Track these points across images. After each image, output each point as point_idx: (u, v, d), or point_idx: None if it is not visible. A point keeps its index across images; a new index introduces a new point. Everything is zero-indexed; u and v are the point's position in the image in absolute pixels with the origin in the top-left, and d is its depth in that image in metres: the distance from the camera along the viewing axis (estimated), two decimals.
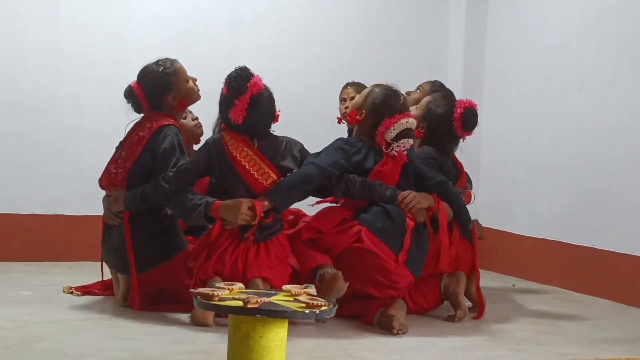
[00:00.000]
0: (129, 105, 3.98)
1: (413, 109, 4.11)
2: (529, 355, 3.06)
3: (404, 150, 3.71)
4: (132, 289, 3.67)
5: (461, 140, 4.23)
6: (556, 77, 5.19)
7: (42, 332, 3.13)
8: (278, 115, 3.78)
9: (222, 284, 2.56)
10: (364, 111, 3.75)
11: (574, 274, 4.83)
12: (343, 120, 4.41)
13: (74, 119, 5.36)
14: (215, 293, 2.39)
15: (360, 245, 3.49)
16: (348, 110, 4.05)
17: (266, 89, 3.66)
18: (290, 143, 3.73)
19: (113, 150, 4.16)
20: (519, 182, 5.45)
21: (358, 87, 4.49)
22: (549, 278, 4.94)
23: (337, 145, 3.75)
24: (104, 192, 4.20)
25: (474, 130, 4.24)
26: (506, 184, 5.27)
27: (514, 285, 5.00)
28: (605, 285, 4.57)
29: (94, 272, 4.41)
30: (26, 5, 5.23)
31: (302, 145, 3.78)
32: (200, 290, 2.47)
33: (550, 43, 5.27)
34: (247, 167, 3.56)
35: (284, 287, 2.65)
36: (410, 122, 3.69)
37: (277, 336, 2.28)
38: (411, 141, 3.71)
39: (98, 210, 4.32)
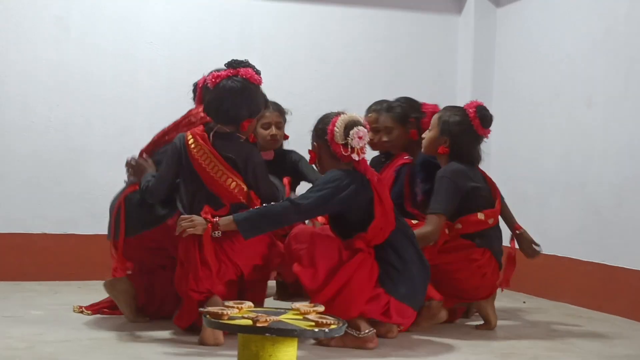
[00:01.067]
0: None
1: (426, 133, 4.08)
2: None
3: (361, 149, 3.49)
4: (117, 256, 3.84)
5: (484, 140, 4.16)
6: (565, 93, 5.18)
7: (52, 352, 3.12)
8: (248, 122, 3.69)
9: (231, 303, 2.56)
10: (311, 150, 3.69)
11: (584, 290, 4.81)
12: None
13: (84, 139, 5.37)
14: (225, 312, 2.40)
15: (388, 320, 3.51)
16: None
17: (232, 80, 3.59)
18: (255, 154, 3.67)
19: (123, 170, 4.16)
20: (529, 198, 5.42)
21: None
22: (559, 295, 4.93)
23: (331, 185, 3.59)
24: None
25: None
26: (515, 200, 5.25)
27: (524, 302, 4.98)
28: (617, 302, 4.54)
29: (104, 291, 4.41)
30: (37, 26, 5.26)
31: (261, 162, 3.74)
32: (210, 309, 2.49)
33: (559, 59, 5.26)
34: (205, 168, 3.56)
35: (293, 305, 2.64)
36: (347, 115, 3.53)
37: (286, 355, 2.30)
38: (363, 129, 3.49)
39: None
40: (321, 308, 2.60)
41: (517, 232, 4.14)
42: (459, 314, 4.24)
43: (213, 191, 3.53)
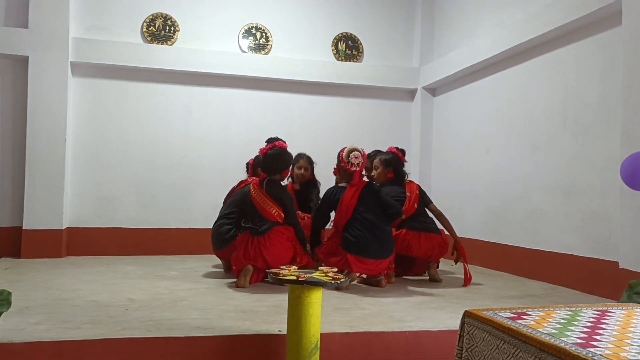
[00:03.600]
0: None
1: (374, 172, 4.31)
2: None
3: (357, 165, 3.81)
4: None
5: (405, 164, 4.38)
6: (473, 145, 5.40)
7: (183, 295, 3.40)
8: (286, 171, 4.02)
9: (283, 267, 2.61)
10: (335, 168, 4.01)
11: (487, 258, 4.87)
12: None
13: (199, 175, 5.69)
14: (281, 272, 2.48)
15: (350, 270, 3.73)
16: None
17: (273, 149, 3.91)
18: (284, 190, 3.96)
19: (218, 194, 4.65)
20: (454, 204, 5.58)
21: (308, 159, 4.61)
22: (473, 261, 4.89)
23: (324, 197, 3.97)
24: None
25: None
26: (447, 205, 5.47)
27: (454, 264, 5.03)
28: (506, 265, 4.68)
29: (214, 259, 4.85)
30: (171, 110, 5.65)
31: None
32: (272, 270, 2.55)
33: (470, 125, 5.46)
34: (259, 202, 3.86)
35: (320, 268, 2.68)
36: (351, 146, 3.88)
37: (316, 296, 2.37)
38: (358, 153, 3.83)
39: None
40: (335, 269, 2.64)
41: (455, 242, 4.18)
42: (421, 271, 4.39)
43: (263, 215, 3.85)
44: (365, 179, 4.10)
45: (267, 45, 5.89)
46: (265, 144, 4.03)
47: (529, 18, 4.52)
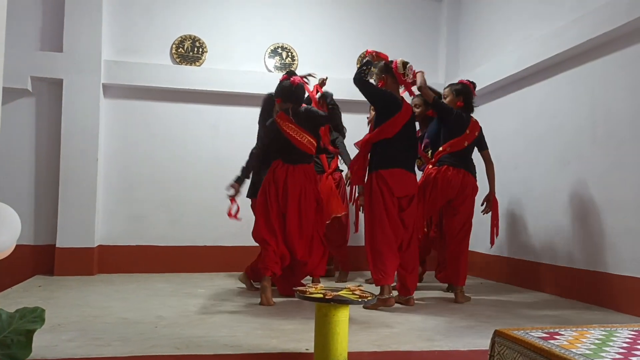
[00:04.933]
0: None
1: (447, 100, 4.21)
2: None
3: (411, 77, 3.73)
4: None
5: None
6: (501, 161, 4.83)
7: (211, 313, 3.42)
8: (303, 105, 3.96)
9: (310, 285, 2.70)
10: (380, 80, 3.86)
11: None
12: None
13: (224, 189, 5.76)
14: (307, 290, 2.51)
15: None
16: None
17: (286, 80, 3.91)
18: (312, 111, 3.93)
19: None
20: (482, 221, 5.18)
21: None
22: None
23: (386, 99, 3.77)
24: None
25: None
26: (474, 222, 5.32)
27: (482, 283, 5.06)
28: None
29: (239, 277, 4.83)
30: (200, 128, 5.72)
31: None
32: (299, 288, 2.57)
33: (498, 140, 5.20)
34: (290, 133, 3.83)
35: (346, 285, 2.70)
36: (403, 60, 3.76)
37: (343, 314, 2.36)
38: (411, 65, 3.75)
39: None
40: (363, 287, 2.64)
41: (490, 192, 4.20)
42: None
43: (297, 146, 3.85)
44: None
45: (293, 64, 5.95)
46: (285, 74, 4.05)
47: (555, 33, 4.48)
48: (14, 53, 5.13)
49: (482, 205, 4.23)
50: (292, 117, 3.91)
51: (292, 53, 5.99)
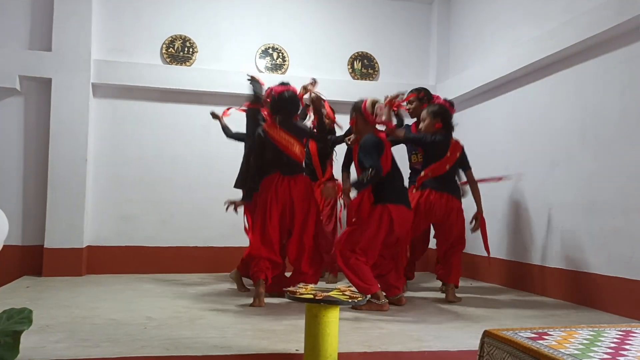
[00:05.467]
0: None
1: (422, 125, 4.18)
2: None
3: (381, 116, 3.67)
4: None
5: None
6: (491, 163, 5.05)
7: (201, 314, 3.41)
8: (297, 117, 3.98)
9: (300, 285, 2.65)
10: (352, 119, 3.81)
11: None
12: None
13: (215, 189, 5.56)
14: (298, 291, 2.51)
15: None
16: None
17: (288, 92, 3.88)
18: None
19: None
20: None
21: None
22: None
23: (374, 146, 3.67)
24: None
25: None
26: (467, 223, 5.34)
27: (471, 284, 5.06)
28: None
29: (230, 280, 4.80)
30: (191, 129, 5.70)
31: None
32: (290, 289, 2.57)
33: (488, 142, 5.09)
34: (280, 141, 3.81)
35: (336, 286, 2.76)
36: (373, 100, 3.72)
37: (333, 315, 2.36)
38: (381, 105, 3.69)
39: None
40: (353, 288, 2.70)
41: (478, 211, 4.18)
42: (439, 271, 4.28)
43: (289, 155, 3.83)
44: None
45: (284, 65, 5.95)
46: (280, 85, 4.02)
47: (546, 35, 4.51)
48: (2, 52, 5.10)
49: (470, 223, 4.25)
50: (281, 125, 3.89)
51: (282, 54, 5.98)
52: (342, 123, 5.96)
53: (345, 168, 4.28)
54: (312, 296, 2.38)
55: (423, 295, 4.39)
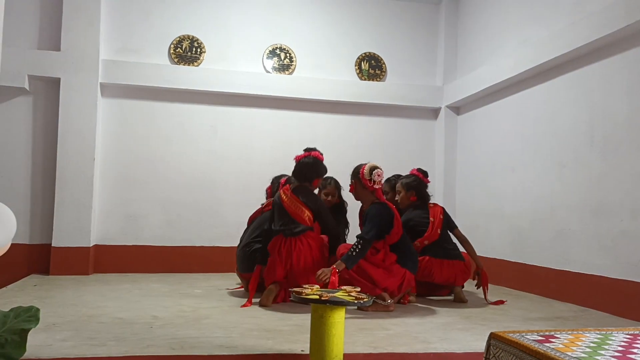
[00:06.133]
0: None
1: (397, 197, 4.26)
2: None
3: (379, 182, 3.71)
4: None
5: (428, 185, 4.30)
6: (498, 164, 5.31)
7: (207, 313, 3.41)
8: (316, 181, 4.00)
9: (306, 286, 2.65)
10: (351, 185, 3.84)
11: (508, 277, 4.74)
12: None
13: (223, 192, 5.75)
14: (304, 291, 2.52)
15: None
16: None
17: (308, 158, 3.93)
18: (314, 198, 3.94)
19: (246, 215, 4.58)
20: (480, 224, 5.50)
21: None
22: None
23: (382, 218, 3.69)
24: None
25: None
26: (472, 225, 5.34)
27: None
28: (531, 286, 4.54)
29: (234, 277, 4.87)
30: (198, 129, 5.72)
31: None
32: (295, 289, 2.57)
33: (495, 143, 5.37)
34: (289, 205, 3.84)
35: (343, 287, 2.73)
36: (372, 166, 3.74)
37: (339, 316, 2.36)
38: (379, 171, 3.71)
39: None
40: (358, 289, 2.67)
41: (478, 267, 4.18)
42: (445, 294, 4.31)
43: (295, 219, 3.85)
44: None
45: (291, 65, 5.95)
46: (303, 152, 4.07)
47: (554, 36, 4.49)
48: (12, 51, 5.12)
49: (473, 279, 4.25)
50: (294, 191, 3.92)
51: (290, 54, 5.98)
52: (349, 122, 5.96)
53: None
54: (318, 297, 2.38)
55: (428, 297, 4.36)
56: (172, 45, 5.72)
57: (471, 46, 6.04)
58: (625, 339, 1.71)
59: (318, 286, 2.72)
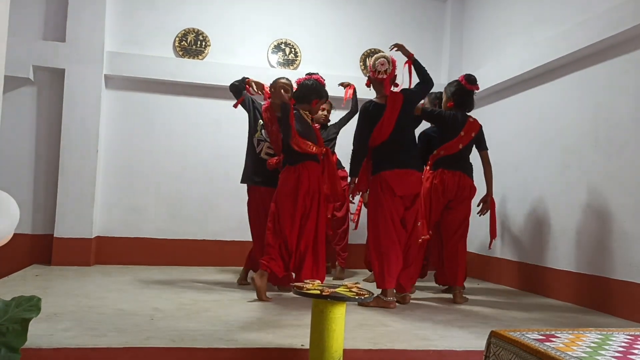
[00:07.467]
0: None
1: (443, 101, 4.24)
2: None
3: (384, 72, 3.67)
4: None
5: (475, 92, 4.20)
6: (502, 164, 5.06)
7: (207, 306, 3.42)
8: (315, 101, 3.90)
9: (308, 281, 2.61)
10: (367, 80, 3.86)
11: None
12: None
13: (224, 183, 5.67)
14: (305, 286, 2.48)
15: None
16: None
17: (309, 80, 3.89)
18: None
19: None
20: (482, 223, 4.86)
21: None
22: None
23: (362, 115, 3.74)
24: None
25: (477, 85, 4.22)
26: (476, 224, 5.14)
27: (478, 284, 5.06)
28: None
29: (236, 272, 4.85)
30: (203, 122, 5.71)
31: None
32: (296, 284, 2.54)
33: (499, 143, 5.26)
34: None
35: (344, 282, 2.76)
36: (377, 55, 3.75)
37: (339, 311, 2.35)
38: (382, 60, 3.69)
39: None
40: (360, 284, 2.60)
41: (488, 194, 4.15)
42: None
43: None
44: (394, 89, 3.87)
45: (296, 60, 5.94)
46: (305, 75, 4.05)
47: (560, 36, 4.47)
48: (17, 42, 5.12)
49: (478, 206, 4.21)
50: (301, 135, 3.85)
51: (295, 49, 5.97)
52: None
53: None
54: (318, 292, 2.38)
55: (428, 295, 4.37)
56: (177, 38, 5.71)
57: (476, 44, 6.02)
58: (625, 340, 1.70)
59: (319, 281, 2.70)
